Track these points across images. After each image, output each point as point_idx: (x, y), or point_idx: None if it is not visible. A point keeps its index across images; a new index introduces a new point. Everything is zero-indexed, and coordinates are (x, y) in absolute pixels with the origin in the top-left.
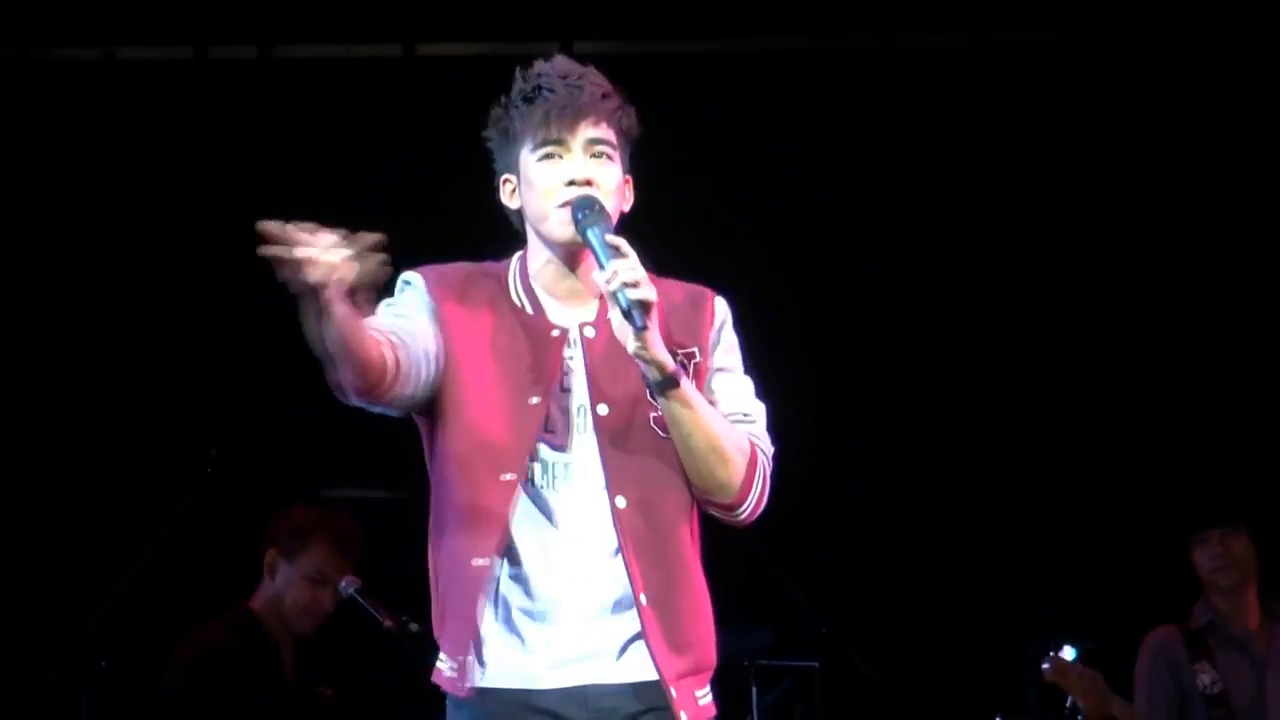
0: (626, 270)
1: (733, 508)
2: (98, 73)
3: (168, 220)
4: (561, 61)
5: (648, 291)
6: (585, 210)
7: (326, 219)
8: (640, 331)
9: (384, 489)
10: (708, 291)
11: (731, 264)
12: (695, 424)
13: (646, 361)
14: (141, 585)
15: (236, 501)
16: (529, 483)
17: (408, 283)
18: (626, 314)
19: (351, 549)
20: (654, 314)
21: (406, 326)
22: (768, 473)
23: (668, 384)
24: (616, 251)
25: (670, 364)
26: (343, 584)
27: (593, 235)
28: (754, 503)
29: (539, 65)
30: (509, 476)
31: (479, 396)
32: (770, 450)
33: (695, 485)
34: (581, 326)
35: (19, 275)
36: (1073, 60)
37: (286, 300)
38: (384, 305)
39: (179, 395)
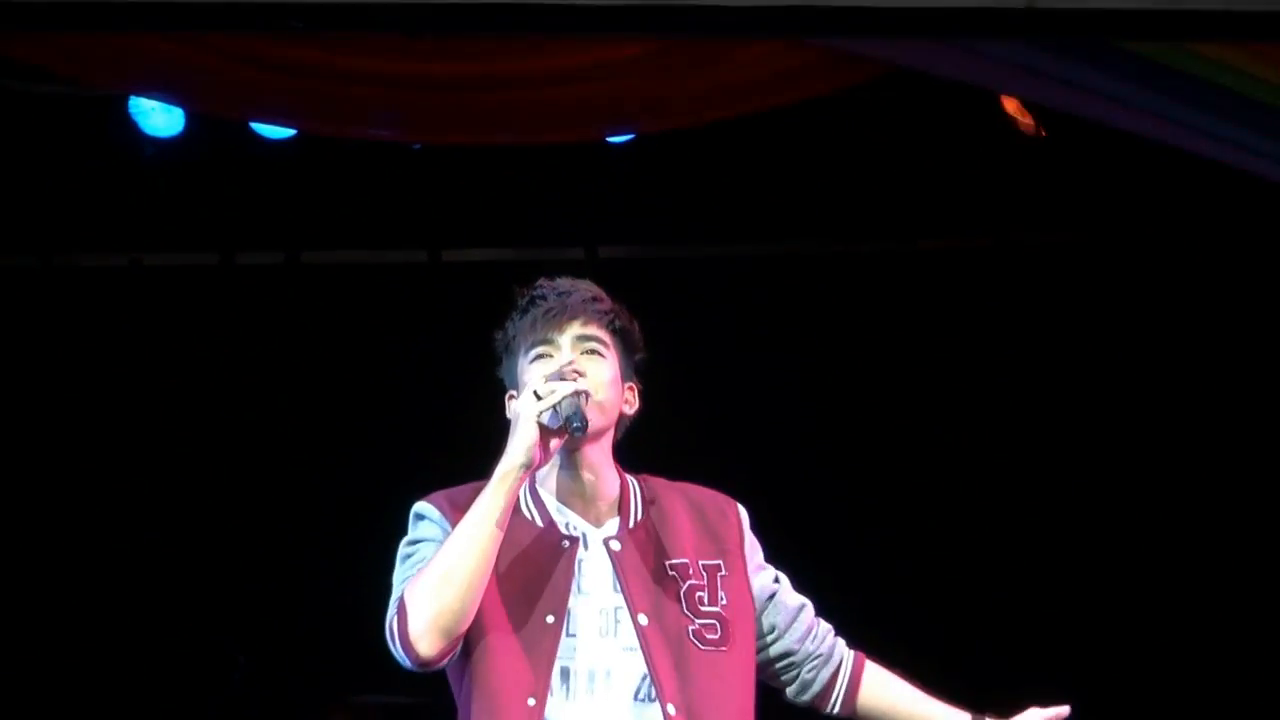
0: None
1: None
2: (124, 280)
3: (195, 424)
4: (561, 279)
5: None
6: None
7: (353, 423)
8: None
9: (406, 694)
10: (729, 500)
11: (761, 463)
12: None
13: None
14: None
15: (262, 708)
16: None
17: (419, 515)
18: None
19: None
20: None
21: None
22: None
23: None
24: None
25: None
26: None
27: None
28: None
29: (539, 281)
30: (532, 702)
31: (495, 618)
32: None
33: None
34: (606, 540)
35: (44, 480)
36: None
37: (308, 505)
38: (404, 544)
39: (202, 602)
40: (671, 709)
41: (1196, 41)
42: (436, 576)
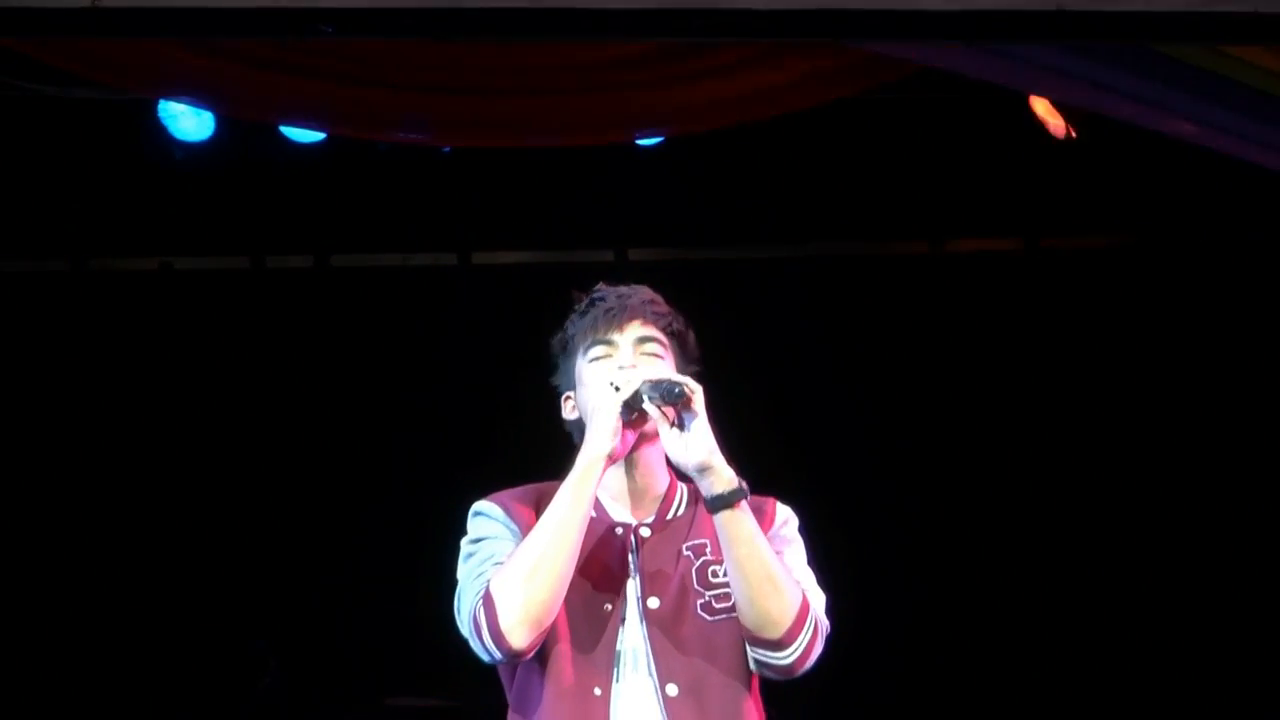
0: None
1: (782, 645)
2: (154, 284)
3: (227, 426)
4: (620, 285)
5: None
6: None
7: (383, 425)
8: (685, 402)
9: (442, 697)
10: (770, 499)
11: (787, 468)
12: (753, 547)
13: (712, 474)
14: None
15: (293, 710)
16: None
17: (481, 513)
18: (669, 394)
19: None
20: (701, 408)
21: None
22: (819, 626)
23: (732, 497)
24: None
25: (735, 478)
26: None
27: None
28: (804, 647)
29: (598, 286)
30: (599, 692)
31: (561, 610)
32: (825, 623)
33: (746, 621)
34: (638, 527)
35: (77, 483)
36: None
37: (340, 507)
38: (466, 543)
39: (234, 604)
40: (672, 689)
41: (1226, 43)
42: (526, 568)
